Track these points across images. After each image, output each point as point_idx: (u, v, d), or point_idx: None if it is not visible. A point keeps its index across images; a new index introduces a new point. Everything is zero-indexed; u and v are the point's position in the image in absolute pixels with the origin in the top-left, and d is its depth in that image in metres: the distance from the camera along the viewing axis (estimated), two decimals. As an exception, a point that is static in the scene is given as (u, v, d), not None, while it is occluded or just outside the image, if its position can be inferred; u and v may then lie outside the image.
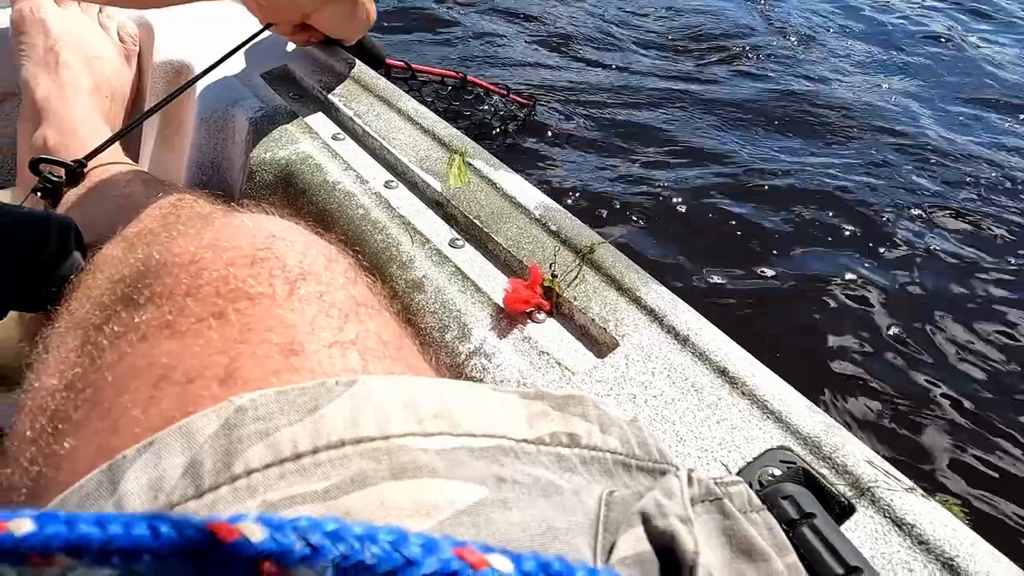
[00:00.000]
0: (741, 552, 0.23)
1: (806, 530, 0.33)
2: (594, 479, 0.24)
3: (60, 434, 0.26)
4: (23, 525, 0.16)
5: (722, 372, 0.45)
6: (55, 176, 0.54)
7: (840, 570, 0.31)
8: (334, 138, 0.68)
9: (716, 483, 0.26)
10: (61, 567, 0.18)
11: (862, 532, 0.36)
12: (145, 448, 0.21)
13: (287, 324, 0.26)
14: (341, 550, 0.16)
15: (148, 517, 0.16)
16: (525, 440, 0.23)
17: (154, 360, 0.25)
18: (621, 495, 0.23)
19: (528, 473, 0.22)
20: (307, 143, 0.66)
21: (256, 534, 0.16)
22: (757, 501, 0.29)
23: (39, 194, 0.55)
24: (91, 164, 0.57)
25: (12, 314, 0.46)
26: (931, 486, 0.98)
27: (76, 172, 0.54)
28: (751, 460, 0.40)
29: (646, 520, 0.21)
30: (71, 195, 0.56)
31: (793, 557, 0.28)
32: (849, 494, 0.38)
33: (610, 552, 0.20)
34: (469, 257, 0.55)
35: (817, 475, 0.38)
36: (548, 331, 0.50)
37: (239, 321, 0.26)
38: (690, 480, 0.24)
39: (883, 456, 0.40)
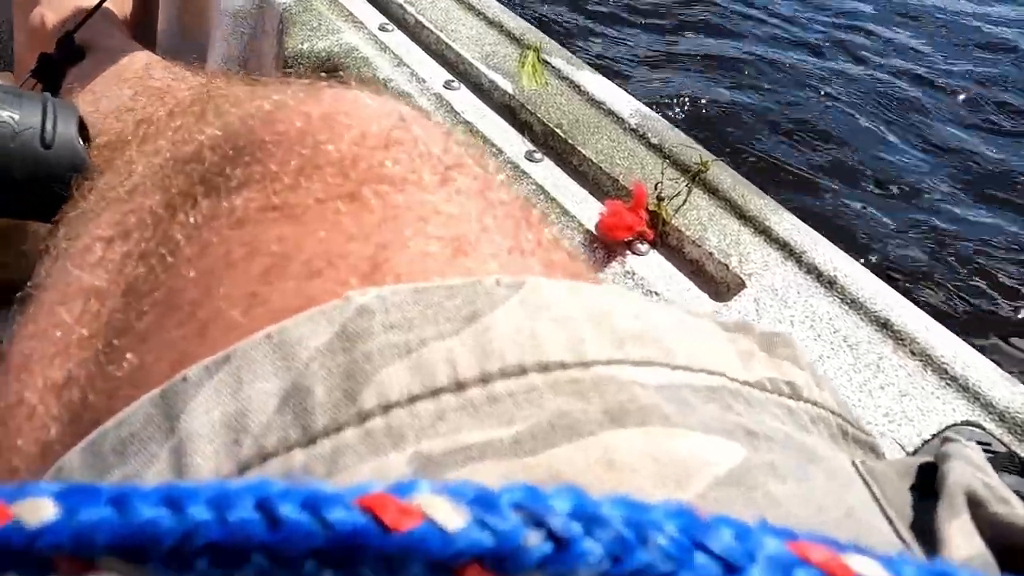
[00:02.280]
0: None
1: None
2: (827, 444, 0.19)
3: (116, 351, 0.20)
4: (39, 509, 0.10)
5: (882, 325, 0.36)
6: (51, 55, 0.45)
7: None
8: (382, 29, 0.58)
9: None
10: None
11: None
12: (217, 366, 0.15)
13: (447, 215, 0.19)
14: (606, 545, 0.09)
15: (256, 488, 0.10)
16: (747, 382, 0.17)
17: (259, 247, 0.19)
18: (875, 465, 0.17)
19: (775, 428, 0.17)
20: (350, 33, 0.56)
21: (451, 517, 0.10)
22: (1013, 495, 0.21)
23: (36, 79, 0.45)
24: (98, 46, 0.48)
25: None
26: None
27: (71, 45, 0.45)
28: (928, 438, 0.32)
29: (976, 505, 0.15)
30: (75, 79, 0.47)
31: None
32: (1065, 488, 0.29)
33: (930, 546, 0.15)
34: (550, 173, 0.46)
35: (1032, 464, 0.30)
36: (654, 265, 0.40)
37: (380, 206, 0.19)
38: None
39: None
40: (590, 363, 0.15)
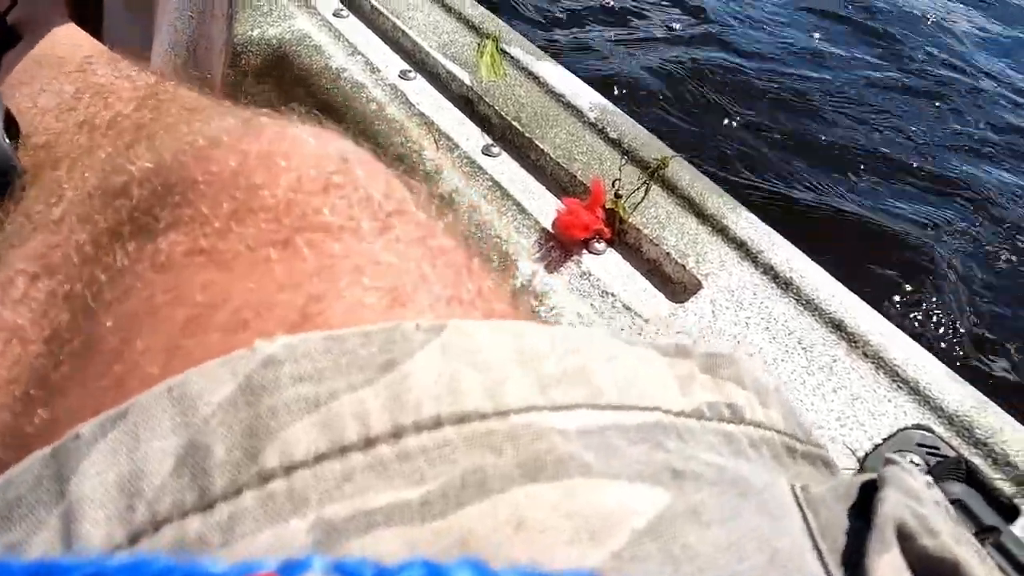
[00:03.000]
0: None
1: (990, 550, 0.25)
2: (768, 467, 0.18)
3: (30, 404, 0.19)
4: None
5: (836, 326, 0.35)
6: None
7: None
8: (336, 15, 0.56)
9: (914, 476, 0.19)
10: None
11: (1032, 543, 0.28)
12: (112, 423, 0.13)
13: (384, 265, 0.18)
14: None
15: (134, 568, 0.10)
16: (683, 412, 0.17)
17: (183, 295, 0.18)
18: (816, 492, 0.17)
19: (705, 462, 0.16)
20: (303, 19, 0.54)
21: None
22: (951, 510, 0.21)
23: None
24: (36, 28, 0.45)
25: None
26: None
27: (3, 26, 0.43)
28: (880, 442, 0.32)
29: (905, 538, 0.15)
30: (8, 67, 0.44)
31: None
32: (1011, 491, 0.30)
33: None
34: (507, 168, 0.45)
35: (981, 472, 0.30)
36: (611, 265, 0.40)
37: (313, 255, 0.18)
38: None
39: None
40: (508, 412, 0.14)
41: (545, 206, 0.42)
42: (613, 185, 0.42)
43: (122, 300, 0.18)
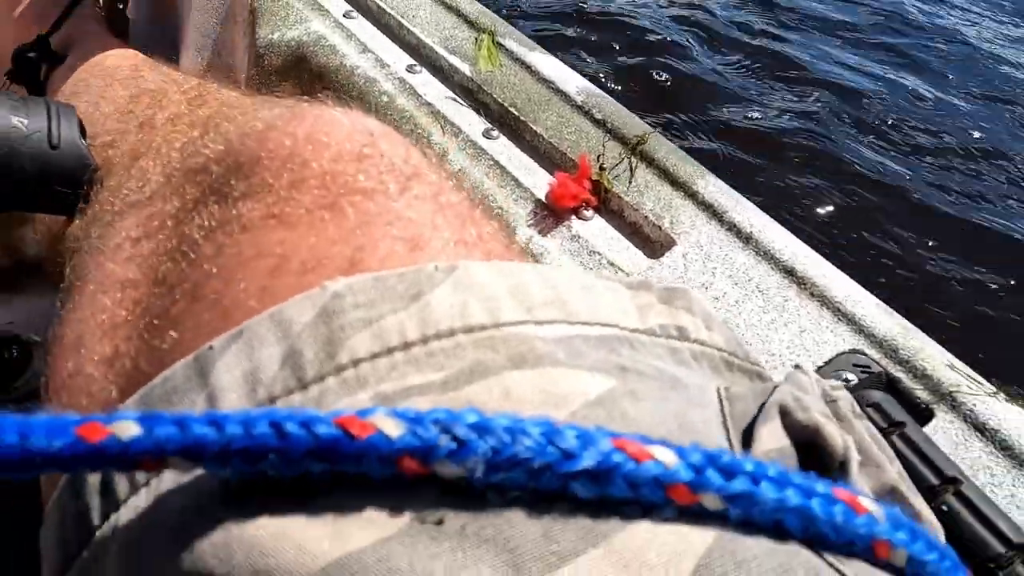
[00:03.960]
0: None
1: (897, 440, 0.31)
2: (705, 374, 0.23)
3: (157, 328, 0.25)
4: (128, 428, 0.15)
5: (788, 272, 0.42)
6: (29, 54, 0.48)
7: (936, 481, 0.29)
8: (346, 16, 0.62)
9: (829, 386, 0.25)
10: (176, 470, 0.16)
11: (942, 436, 0.35)
12: (234, 338, 0.19)
13: (406, 219, 0.24)
14: (490, 444, 0.15)
15: (269, 415, 0.15)
16: (637, 330, 0.22)
17: (264, 249, 0.24)
18: (737, 390, 0.22)
19: (649, 364, 0.21)
20: (318, 22, 0.60)
21: (393, 429, 0.15)
22: (859, 409, 0.27)
23: (10, 80, 0.49)
24: (81, 44, 0.52)
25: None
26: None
27: (47, 48, 0.49)
28: (822, 364, 0.38)
29: (784, 414, 0.20)
30: (60, 80, 0.50)
31: (899, 466, 0.27)
32: (928, 399, 0.36)
33: (747, 447, 0.19)
34: (505, 149, 0.51)
35: (898, 380, 0.36)
36: (596, 229, 0.46)
37: (355, 214, 0.24)
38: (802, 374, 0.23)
39: (963, 359, 0.38)
40: (502, 324, 0.19)
41: (539, 181, 0.48)
42: (598, 159, 0.48)
43: (217, 254, 0.25)
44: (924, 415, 0.36)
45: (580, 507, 0.15)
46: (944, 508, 0.29)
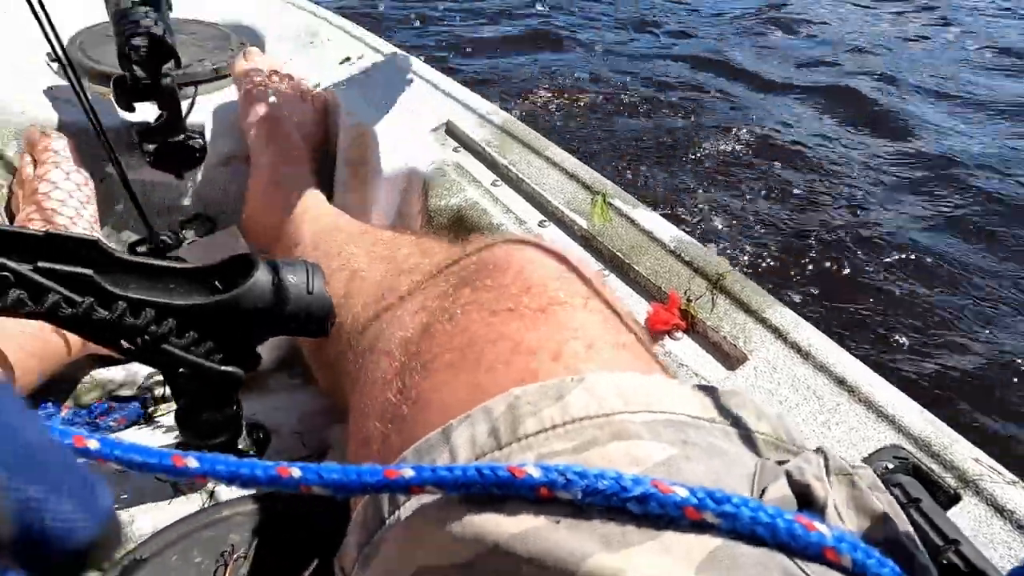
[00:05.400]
0: (867, 515, 0.28)
1: (913, 512, 0.40)
2: (750, 451, 0.30)
3: (430, 372, 0.35)
4: (407, 472, 0.28)
5: (840, 381, 0.52)
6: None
7: (941, 542, 0.38)
8: (493, 184, 0.81)
9: (849, 465, 0.34)
10: (430, 494, 0.30)
11: (967, 518, 0.43)
12: (464, 419, 0.30)
13: (586, 326, 0.35)
14: (585, 483, 0.27)
15: (477, 466, 0.27)
16: (699, 418, 0.30)
17: (506, 333, 0.34)
18: (770, 463, 0.29)
19: (706, 440, 0.29)
20: (472, 190, 0.80)
21: (536, 473, 0.28)
22: (880, 484, 0.37)
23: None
24: (314, 223, 0.72)
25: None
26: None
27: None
28: (867, 456, 0.48)
29: (789, 475, 0.28)
30: (302, 251, 0.70)
31: (909, 527, 0.35)
32: (955, 485, 0.45)
33: (761, 495, 0.27)
34: (615, 285, 0.66)
35: (926, 468, 0.45)
36: (685, 347, 0.59)
37: (557, 318, 0.35)
38: (826, 457, 0.30)
39: (991, 451, 0.46)
40: (610, 414, 0.28)
41: (640, 309, 0.63)
42: (686, 293, 0.62)
43: (472, 327, 0.36)
44: (952, 498, 0.44)
45: (635, 518, 0.24)
46: (944, 563, 0.37)
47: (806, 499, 0.27)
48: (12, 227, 0.43)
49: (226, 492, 0.54)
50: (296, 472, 0.28)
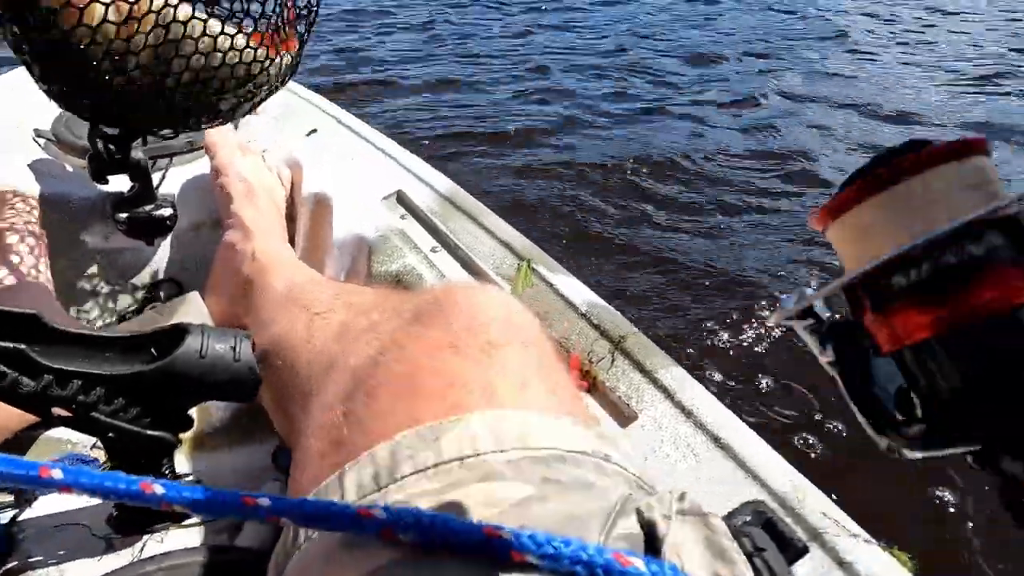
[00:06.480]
0: (717, 555, 0.30)
1: (757, 561, 0.44)
2: (618, 486, 0.32)
3: (374, 399, 0.35)
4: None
5: (716, 440, 0.56)
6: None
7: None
8: (432, 251, 0.87)
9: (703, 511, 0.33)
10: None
11: (810, 567, 0.46)
12: (354, 464, 0.31)
13: (521, 367, 0.36)
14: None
15: (329, 503, 0.29)
16: (573, 450, 0.31)
17: (445, 369, 0.35)
18: (632, 498, 0.30)
19: (572, 475, 0.30)
20: (412, 256, 0.86)
21: (382, 515, 0.32)
22: (729, 534, 0.40)
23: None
24: (284, 273, 0.76)
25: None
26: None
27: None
28: (730, 512, 0.51)
29: (638, 512, 0.29)
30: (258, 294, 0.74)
31: (750, 572, 0.38)
32: (805, 538, 0.48)
33: (611, 530, 0.27)
34: (530, 346, 0.71)
35: (778, 522, 0.49)
36: (586, 404, 0.63)
37: (495, 358, 0.36)
38: (681, 498, 0.32)
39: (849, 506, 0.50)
40: (479, 454, 0.29)
41: (548, 370, 0.67)
42: (588, 354, 0.66)
43: (416, 358, 0.36)
44: (800, 551, 0.48)
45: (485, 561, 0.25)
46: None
47: (652, 536, 0.28)
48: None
49: (157, 547, 0.58)
50: (159, 489, 0.30)
